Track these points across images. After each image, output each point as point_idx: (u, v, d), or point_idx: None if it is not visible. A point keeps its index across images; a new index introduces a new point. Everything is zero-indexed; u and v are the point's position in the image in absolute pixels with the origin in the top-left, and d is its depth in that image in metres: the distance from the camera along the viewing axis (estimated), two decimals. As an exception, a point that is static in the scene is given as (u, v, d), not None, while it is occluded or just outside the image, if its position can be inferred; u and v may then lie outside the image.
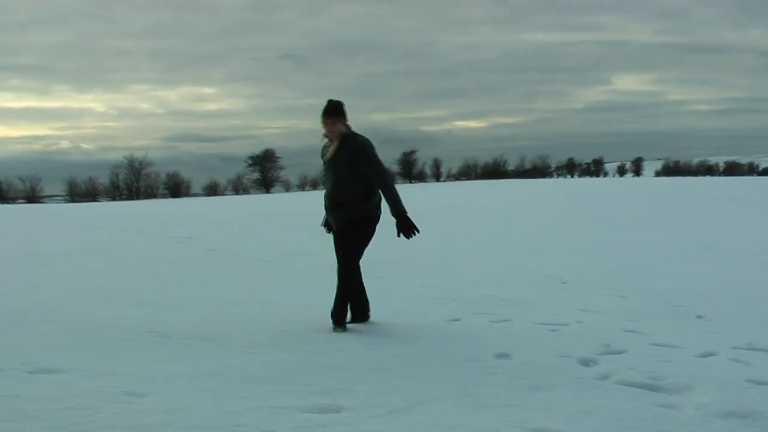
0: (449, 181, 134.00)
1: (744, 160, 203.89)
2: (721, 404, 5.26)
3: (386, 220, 7.42)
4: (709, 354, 7.38)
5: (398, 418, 4.55)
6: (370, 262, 7.77)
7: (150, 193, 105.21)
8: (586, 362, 6.52)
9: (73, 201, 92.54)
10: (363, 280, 7.67)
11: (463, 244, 20.06)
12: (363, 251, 7.50)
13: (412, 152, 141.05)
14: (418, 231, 7.08)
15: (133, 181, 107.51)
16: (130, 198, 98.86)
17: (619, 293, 11.97)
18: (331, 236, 7.66)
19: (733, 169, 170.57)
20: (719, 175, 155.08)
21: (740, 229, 27.09)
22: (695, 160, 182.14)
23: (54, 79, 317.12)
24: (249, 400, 4.60)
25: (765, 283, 14.11)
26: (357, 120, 7.50)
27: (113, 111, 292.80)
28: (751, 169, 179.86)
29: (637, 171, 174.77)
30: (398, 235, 7.12)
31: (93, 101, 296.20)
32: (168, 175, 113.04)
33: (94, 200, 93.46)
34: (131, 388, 4.67)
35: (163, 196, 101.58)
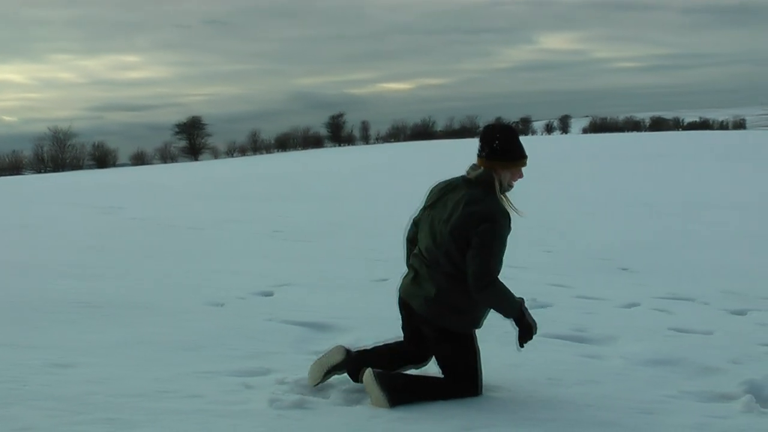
0: (378, 143, 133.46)
1: (669, 115, 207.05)
2: (645, 353, 5.43)
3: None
4: (633, 305, 7.59)
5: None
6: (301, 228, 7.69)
7: (76, 165, 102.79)
8: (513, 317, 6.62)
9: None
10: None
11: (395, 206, 20.12)
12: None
13: (340, 115, 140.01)
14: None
15: (58, 153, 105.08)
16: (55, 170, 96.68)
17: (546, 249, 12.18)
18: None
19: (659, 125, 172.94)
20: (645, 131, 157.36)
21: (666, 184, 27.67)
22: (621, 117, 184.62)
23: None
24: (176, 366, 4.59)
25: (688, 234, 14.50)
26: (284, 85, 7.28)
27: (35, 82, 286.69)
28: (677, 125, 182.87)
29: (565, 128, 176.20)
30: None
31: (13, 72, 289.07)
32: (94, 145, 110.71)
33: (18, 173, 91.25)
34: (57, 360, 4.61)
35: (90, 167, 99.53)
